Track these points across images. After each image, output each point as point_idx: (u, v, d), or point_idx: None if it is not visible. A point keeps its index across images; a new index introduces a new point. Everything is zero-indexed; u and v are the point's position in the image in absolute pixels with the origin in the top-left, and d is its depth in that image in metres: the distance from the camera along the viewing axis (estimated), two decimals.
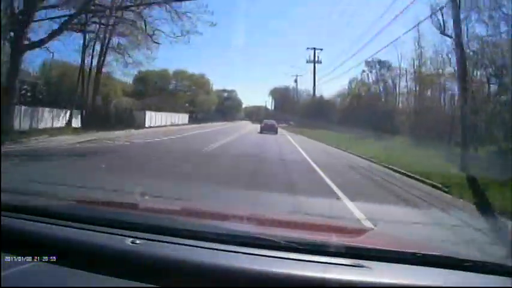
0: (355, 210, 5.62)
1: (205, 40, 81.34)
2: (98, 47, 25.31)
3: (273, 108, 75.70)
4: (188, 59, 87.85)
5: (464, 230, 5.04)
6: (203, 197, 5.58)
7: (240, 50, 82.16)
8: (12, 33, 15.46)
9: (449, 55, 20.79)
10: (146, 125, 29.94)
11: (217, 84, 70.76)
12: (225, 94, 77.15)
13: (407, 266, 1.28)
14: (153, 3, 19.00)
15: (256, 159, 12.90)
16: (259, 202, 5.61)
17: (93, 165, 9.65)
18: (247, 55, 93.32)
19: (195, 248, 1.31)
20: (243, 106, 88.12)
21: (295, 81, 54.66)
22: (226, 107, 75.23)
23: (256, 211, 2.54)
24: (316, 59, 40.21)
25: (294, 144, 22.31)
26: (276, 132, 33.44)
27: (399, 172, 10.79)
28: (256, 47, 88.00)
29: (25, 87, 21.61)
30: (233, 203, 4.97)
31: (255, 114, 78.48)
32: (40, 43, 17.45)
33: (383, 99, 34.41)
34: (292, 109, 57.28)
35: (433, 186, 8.49)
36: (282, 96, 68.64)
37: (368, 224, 4.13)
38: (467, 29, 17.96)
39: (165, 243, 1.34)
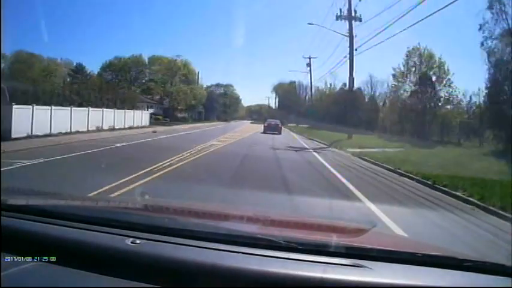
0: None
1: (204, 38, 77.12)
2: None
3: (276, 106, 66.00)
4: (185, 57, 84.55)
5: None
6: None
7: (239, 45, 74.70)
8: None
9: None
10: (16, 134, 15.35)
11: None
12: (221, 89, 64.40)
13: (407, 266, 1.28)
14: None
15: None
16: None
17: None
18: (248, 50, 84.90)
19: (195, 248, 1.31)
20: (244, 105, 79.20)
21: (308, 64, 39.85)
22: (222, 105, 63.23)
23: (256, 211, 2.53)
24: (354, 13, 22.57)
25: None
26: (279, 132, 28.24)
27: None
28: (258, 40, 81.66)
29: None
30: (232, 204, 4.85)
31: (256, 113, 71.25)
32: None
33: None
34: (301, 106, 48.20)
35: None
36: (287, 92, 59.40)
37: None
38: None
39: (165, 243, 1.34)
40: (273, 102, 69.00)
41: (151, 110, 35.81)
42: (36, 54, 28.58)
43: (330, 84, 43.37)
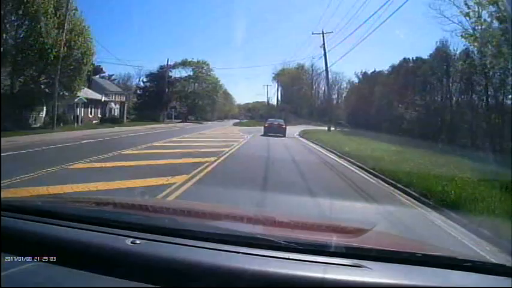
0: None
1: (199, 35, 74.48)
2: None
3: (279, 100, 48.74)
4: (177, 56, 74.40)
5: None
6: None
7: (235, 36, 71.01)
8: None
9: None
10: None
11: None
12: (188, 71, 40.71)
13: (407, 266, 1.28)
14: None
15: None
16: None
17: None
18: (244, 40, 79.14)
19: (195, 248, 1.31)
20: (241, 103, 66.66)
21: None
22: (190, 94, 41.74)
23: (256, 211, 2.53)
24: None
25: None
26: (284, 134, 24.17)
27: None
28: (255, 25, 75.33)
29: None
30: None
31: (252, 111, 59.68)
32: None
33: None
34: (315, 100, 35.05)
35: None
36: (294, 80, 44.03)
37: None
38: None
39: (165, 243, 1.34)
40: (275, 95, 53.73)
41: None
42: None
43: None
